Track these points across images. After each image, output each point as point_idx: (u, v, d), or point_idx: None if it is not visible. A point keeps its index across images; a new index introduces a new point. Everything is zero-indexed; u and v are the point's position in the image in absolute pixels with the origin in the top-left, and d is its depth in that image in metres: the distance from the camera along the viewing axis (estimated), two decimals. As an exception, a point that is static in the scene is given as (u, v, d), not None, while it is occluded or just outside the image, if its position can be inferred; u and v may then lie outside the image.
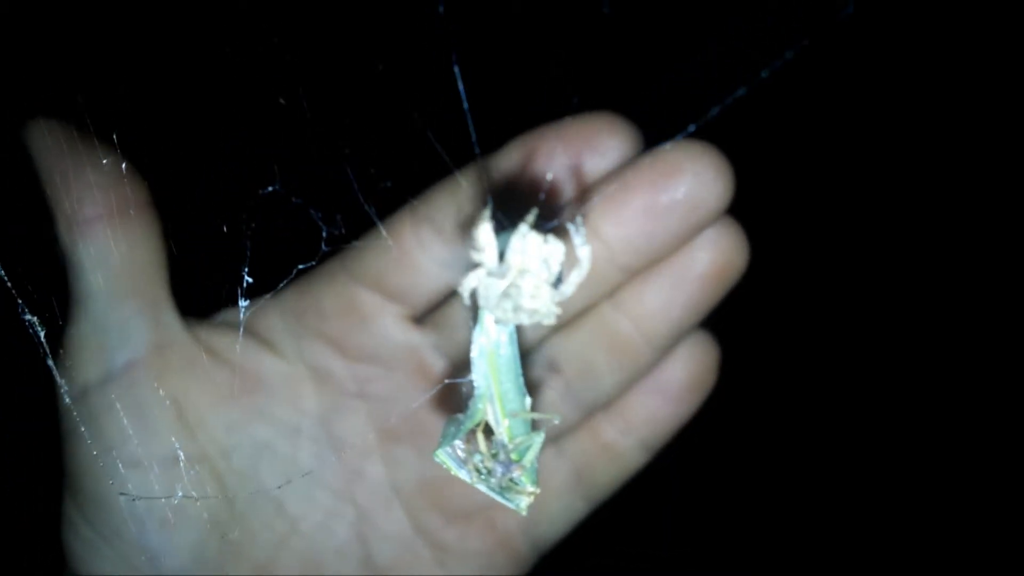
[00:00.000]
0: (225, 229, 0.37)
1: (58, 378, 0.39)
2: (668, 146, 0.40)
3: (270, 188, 0.37)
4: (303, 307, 0.46)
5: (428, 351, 0.46)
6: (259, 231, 0.37)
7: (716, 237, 0.42)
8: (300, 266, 0.39)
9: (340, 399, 0.46)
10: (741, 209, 0.41)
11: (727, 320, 0.46)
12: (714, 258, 0.42)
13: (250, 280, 0.39)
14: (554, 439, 0.47)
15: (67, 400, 0.43)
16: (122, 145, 0.41)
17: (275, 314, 0.46)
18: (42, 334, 0.39)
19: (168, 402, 0.44)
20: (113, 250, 0.42)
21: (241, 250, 0.37)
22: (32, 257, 0.39)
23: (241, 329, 0.45)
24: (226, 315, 0.47)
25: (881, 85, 0.81)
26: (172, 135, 0.37)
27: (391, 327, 0.45)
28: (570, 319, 0.45)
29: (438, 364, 0.46)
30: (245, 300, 0.40)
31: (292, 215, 0.36)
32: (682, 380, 0.46)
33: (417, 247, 0.43)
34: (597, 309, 0.44)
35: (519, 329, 0.34)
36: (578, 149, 0.41)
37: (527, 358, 0.44)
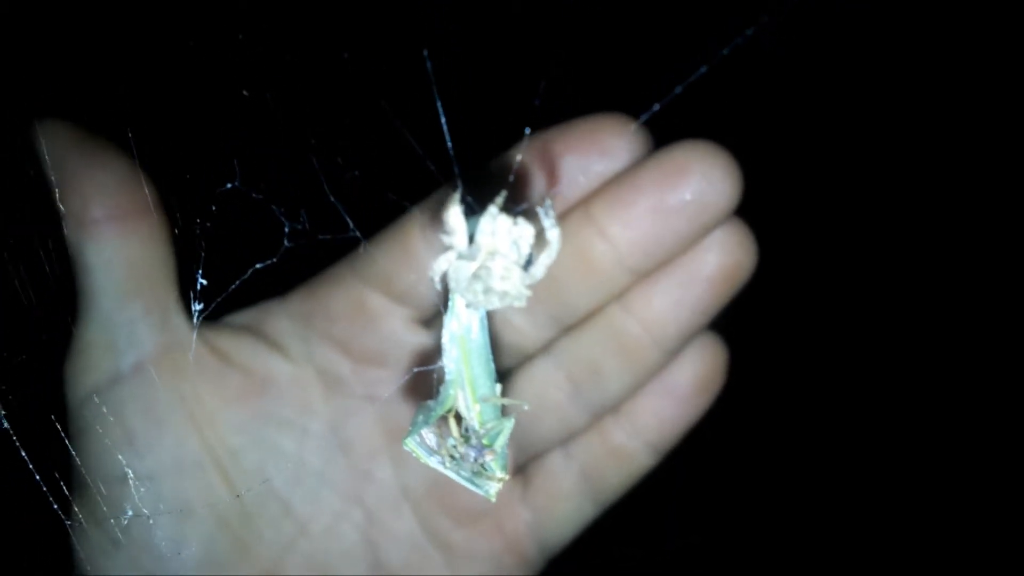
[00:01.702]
0: (176, 231, 0.37)
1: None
2: (679, 144, 0.40)
3: (228, 185, 0.37)
4: (311, 309, 0.46)
5: (424, 356, 0.46)
6: (217, 230, 0.37)
7: (724, 238, 0.42)
8: (258, 264, 0.39)
9: (348, 401, 0.47)
10: (749, 210, 0.41)
11: (736, 321, 0.45)
12: (722, 259, 0.42)
13: (204, 282, 0.39)
14: (563, 442, 0.47)
15: (76, 399, 0.43)
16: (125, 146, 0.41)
17: (283, 316, 0.47)
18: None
19: (177, 403, 0.45)
20: (121, 251, 0.43)
21: (195, 251, 0.37)
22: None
23: (195, 334, 0.45)
24: (234, 317, 0.48)
25: (891, 86, 0.81)
26: (130, 129, 0.37)
27: (399, 329, 0.45)
28: (578, 321, 0.45)
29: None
30: (199, 303, 0.40)
31: (254, 211, 0.36)
32: (690, 382, 0.46)
33: (426, 249, 0.43)
34: (605, 311, 0.44)
35: (489, 316, 0.34)
36: (587, 150, 0.41)
37: (497, 345, 0.43)
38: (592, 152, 0.41)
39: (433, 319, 0.46)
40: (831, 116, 0.79)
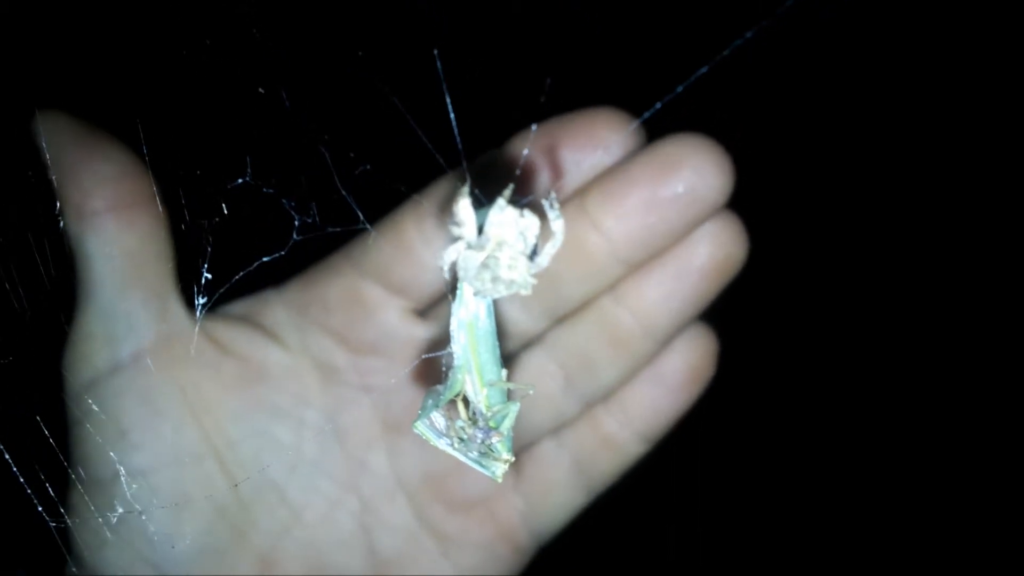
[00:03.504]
0: (183, 227, 0.38)
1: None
2: (671, 138, 0.40)
3: (240, 180, 0.37)
4: (308, 300, 0.47)
5: (431, 344, 0.46)
6: (226, 224, 0.37)
7: (716, 230, 0.42)
8: (265, 258, 0.39)
9: (344, 391, 0.47)
10: (740, 202, 0.42)
11: (726, 312, 0.46)
12: (714, 251, 0.43)
13: (209, 276, 0.39)
14: (554, 431, 0.47)
15: (75, 389, 0.43)
16: (127, 139, 0.41)
17: (280, 306, 0.47)
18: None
19: (175, 392, 0.45)
20: (121, 242, 0.43)
21: (203, 246, 0.37)
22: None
23: (197, 328, 0.45)
24: (231, 307, 0.48)
25: (882, 79, 0.82)
26: (142, 124, 0.38)
27: (394, 320, 0.46)
28: (571, 312, 0.45)
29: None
30: (203, 297, 0.41)
31: (264, 204, 0.36)
32: (681, 371, 0.46)
33: (420, 242, 0.44)
34: (598, 302, 0.45)
35: (496, 304, 0.35)
36: (582, 144, 0.42)
37: (503, 332, 0.44)
38: (587, 145, 0.42)
39: (429, 310, 0.46)
40: (821, 108, 0.80)
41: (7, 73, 0.42)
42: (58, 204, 0.42)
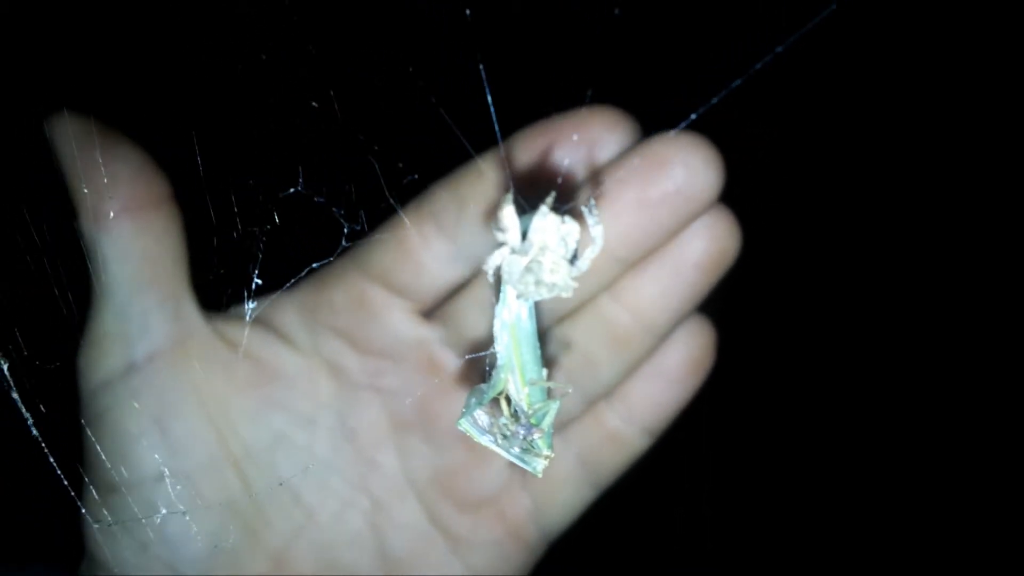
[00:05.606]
0: (235, 235, 0.38)
1: (24, 411, 0.39)
2: (660, 137, 0.40)
3: (291, 190, 0.38)
4: (317, 302, 0.47)
5: (436, 345, 0.47)
6: (276, 231, 0.38)
7: (709, 225, 0.43)
8: (315, 264, 0.41)
9: (354, 391, 0.48)
10: (733, 195, 0.42)
11: (723, 302, 0.47)
12: (708, 246, 0.43)
13: (259, 282, 0.40)
14: (559, 429, 0.47)
15: (89, 389, 0.44)
16: (144, 141, 0.42)
17: (291, 308, 0.48)
18: (5, 367, 0.39)
19: (189, 392, 0.45)
20: (136, 243, 0.43)
21: (254, 250, 0.38)
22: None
23: (246, 331, 0.46)
24: (242, 309, 0.47)
25: (872, 71, 0.83)
26: (194, 134, 0.39)
27: (400, 322, 0.47)
28: (569, 312, 0.46)
29: (446, 357, 0.47)
30: (252, 302, 0.42)
31: (313, 212, 0.37)
32: (681, 364, 0.47)
33: (421, 244, 0.44)
34: (595, 301, 0.45)
35: (536, 307, 0.36)
36: (579, 143, 0.41)
37: (542, 335, 0.45)
38: (583, 144, 0.42)
39: (433, 311, 0.47)
40: (811, 100, 0.81)
41: (25, 74, 0.43)
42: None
